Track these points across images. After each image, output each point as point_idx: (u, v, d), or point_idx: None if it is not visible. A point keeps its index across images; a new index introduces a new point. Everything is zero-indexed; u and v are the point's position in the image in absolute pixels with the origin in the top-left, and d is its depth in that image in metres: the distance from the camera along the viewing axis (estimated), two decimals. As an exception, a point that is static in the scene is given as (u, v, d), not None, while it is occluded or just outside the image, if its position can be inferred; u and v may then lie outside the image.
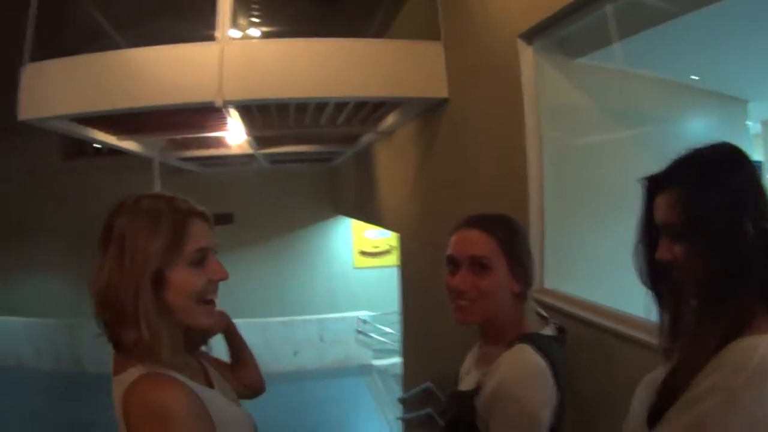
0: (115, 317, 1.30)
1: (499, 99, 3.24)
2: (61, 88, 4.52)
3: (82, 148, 12.12)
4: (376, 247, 12.88)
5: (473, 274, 1.69)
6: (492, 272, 1.68)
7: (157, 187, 8.45)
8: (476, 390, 1.66)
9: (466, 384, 1.81)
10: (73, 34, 5.35)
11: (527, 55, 2.85)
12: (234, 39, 4.65)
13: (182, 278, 1.32)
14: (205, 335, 1.62)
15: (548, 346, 1.63)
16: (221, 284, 1.43)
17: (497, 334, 1.73)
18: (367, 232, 12.68)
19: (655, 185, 1.29)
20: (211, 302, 1.40)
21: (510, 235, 1.74)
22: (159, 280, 1.30)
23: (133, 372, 1.27)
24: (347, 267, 13.04)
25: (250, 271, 12.63)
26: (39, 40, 4.65)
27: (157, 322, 1.29)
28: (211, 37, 4.35)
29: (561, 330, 1.81)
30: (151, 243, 1.29)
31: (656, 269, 1.31)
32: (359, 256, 13.08)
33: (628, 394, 1.44)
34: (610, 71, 2.90)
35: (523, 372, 1.56)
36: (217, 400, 1.40)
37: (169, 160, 9.26)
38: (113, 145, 6.55)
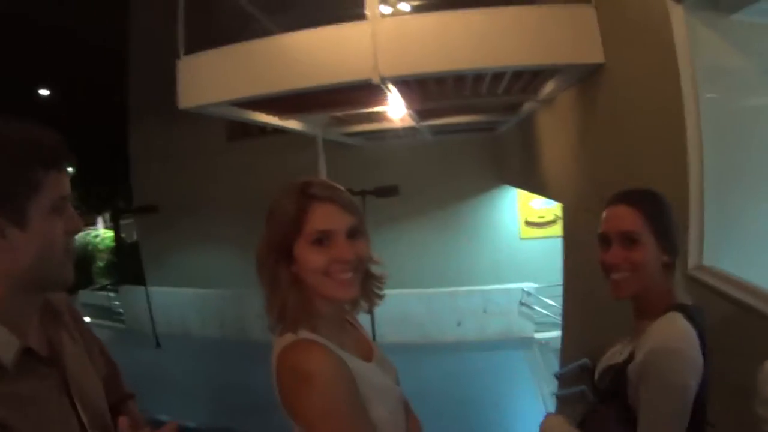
0: (262, 285, 1.49)
1: (652, 62, 3.04)
2: (217, 76, 4.89)
3: (246, 129, 12.93)
4: (542, 217, 12.57)
5: (624, 249, 1.74)
6: (641, 245, 1.72)
7: (322, 164, 8.84)
8: (628, 360, 1.69)
9: (613, 358, 1.84)
10: (223, 25, 5.71)
11: (677, 13, 2.64)
12: (385, 16, 4.72)
13: (304, 255, 1.44)
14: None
15: (696, 316, 1.65)
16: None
17: (650, 307, 1.74)
18: (533, 201, 12.41)
19: None
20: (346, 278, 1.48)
21: (656, 208, 1.76)
22: (289, 255, 1.45)
23: (289, 337, 1.41)
24: (513, 237, 12.87)
25: (416, 242, 12.87)
26: (192, 33, 5.05)
27: (288, 292, 1.45)
28: (361, 16, 4.44)
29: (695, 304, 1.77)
30: (280, 221, 1.44)
31: None
32: (525, 226, 12.84)
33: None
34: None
35: (674, 339, 1.58)
36: (368, 372, 1.48)
37: (333, 136, 9.60)
38: (276, 125, 6.94)
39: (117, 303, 16.00)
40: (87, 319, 12.72)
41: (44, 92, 27.56)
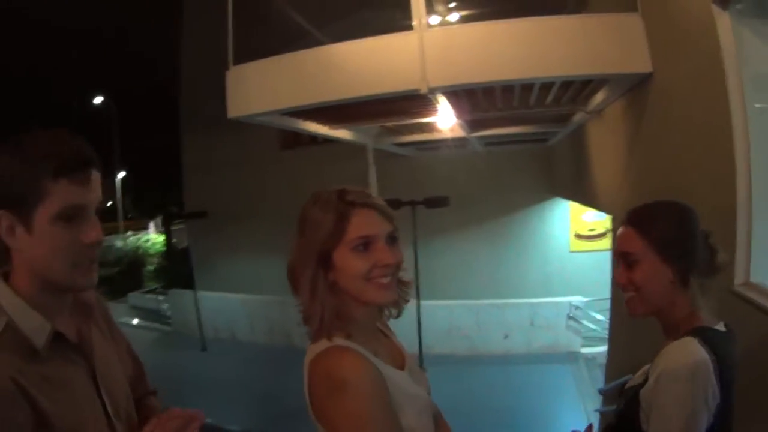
0: (295, 291, 1.50)
1: (699, 70, 2.97)
2: (266, 86, 4.97)
3: (298, 138, 13.05)
4: (592, 230, 12.35)
5: (627, 269, 1.74)
6: (640, 265, 1.71)
7: (372, 173, 8.88)
8: (643, 384, 1.66)
9: (637, 379, 1.80)
10: (273, 36, 5.81)
11: (723, 21, 2.57)
12: (432, 26, 4.74)
13: (345, 261, 1.44)
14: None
15: (718, 342, 1.59)
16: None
17: (671, 328, 1.72)
18: (585, 214, 12.22)
19: None
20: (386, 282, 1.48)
21: (660, 226, 1.73)
22: (327, 262, 1.45)
23: (323, 343, 1.43)
24: (563, 250, 12.67)
25: (465, 253, 12.79)
26: (241, 44, 5.16)
27: (325, 298, 1.45)
28: (409, 27, 4.47)
29: (729, 328, 1.70)
30: (318, 229, 1.45)
31: None
32: (575, 239, 12.64)
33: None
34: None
35: (683, 365, 1.54)
36: (400, 380, 1.49)
37: (383, 146, 9.63)
38: (326, 134, 7.00)
39: (165, 306, 16.35)
40: (135, 321, 13.04)
41: (100, 102, 28.71)
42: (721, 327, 1.67)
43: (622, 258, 1.76)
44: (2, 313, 1.26)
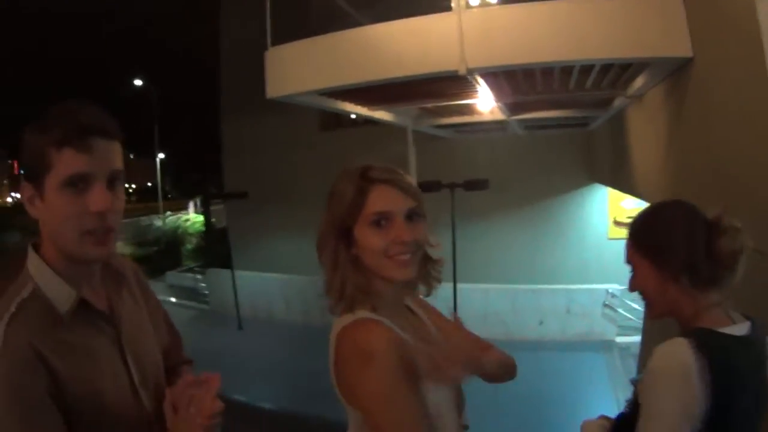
0: (320, 262, 1.53)
1: (739, 55, 2.90)
2: (304, 66, 5.00)
3: (338, 120, 13.09)
4: (631, 217, 12.13)
5: (632, 276, 1.75)
6: (636, 270, 1.72)
7: (412, 155, 8.87)
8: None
9: None
10: (313, 18, 5.84)
11: (764, 5, 2.50)
12: (471, 8, 4.71)
13: (364, 237, 1.46)
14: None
15: (717, 345, 1.51)
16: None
17: (684, 328, 1.65)
18: (624, 201, 12.01)
19: None
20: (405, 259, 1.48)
21: (640, 228, 1.73)
22: (349, 236, 1.48)
23: (349, 317, 1.45)
24: (600, 237, 12.46)
25: (503, 237, 12.71)
26: (284, 27, 5.19)
27: (346, 272, 1.48)
28: (448, 8, 4.45)
29: (754, 329, 1.61)
30: (340, 203, 1.47)
31: None
32: (613, 226, 12.43)
33: None
34: None
35: (662, 366, 1.51)
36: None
37: (423, 128, 9.60)
38: (365, 115, 7.01)
39: (203, 285, 16.53)
40: (173, 299, 13.17)
41: (141, 85, 29.19)
42: (737, 329, 1.58)
43: (628, 266, 1.76)
44: (30, 280, 1.30)
